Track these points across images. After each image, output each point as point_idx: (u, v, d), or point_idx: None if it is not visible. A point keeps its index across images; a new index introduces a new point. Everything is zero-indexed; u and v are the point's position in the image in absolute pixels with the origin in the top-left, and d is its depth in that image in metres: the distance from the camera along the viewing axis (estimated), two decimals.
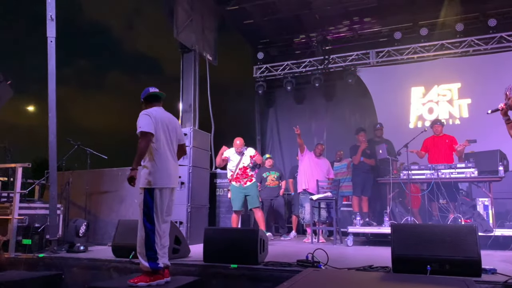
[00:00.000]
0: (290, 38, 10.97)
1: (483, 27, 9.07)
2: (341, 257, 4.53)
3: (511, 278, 2.93)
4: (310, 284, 2.16)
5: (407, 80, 9.78)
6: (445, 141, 6.90)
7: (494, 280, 2.94)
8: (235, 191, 6.32)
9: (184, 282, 2.99)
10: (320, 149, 7.35)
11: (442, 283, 2.35)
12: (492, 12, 9.05)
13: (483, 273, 3.15)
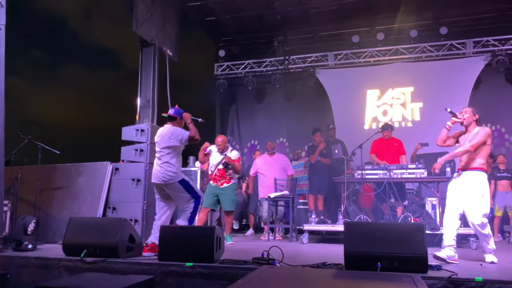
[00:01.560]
0: (252, 37, 11.00)
1: (436, 34, 9.48)
2: (296, 254, 4.62)
3: (455, 274, 3.08)
4: (264, 281, 2.19)
5: (363, 83, 10.07)
6: (394, 145, 7.20)
7: (439, 276, 3.08)
8: (210, 189, 6.18)
9: (137, 281, 2.94)
10: (270, 146, 7.46)
11: (391, 280, 2.45)
12: (444, 21, 9.47)
13: (430, 269, 3.30)
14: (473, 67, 9.31)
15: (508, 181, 7.65)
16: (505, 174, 7.66)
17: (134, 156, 6.27)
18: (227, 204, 6.08)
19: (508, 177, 7.64)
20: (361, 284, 2.33)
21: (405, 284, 2.27)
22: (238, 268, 3.37)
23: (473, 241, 5.62)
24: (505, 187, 7.64)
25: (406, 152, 7.20)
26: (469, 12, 9.38)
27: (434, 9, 9.18)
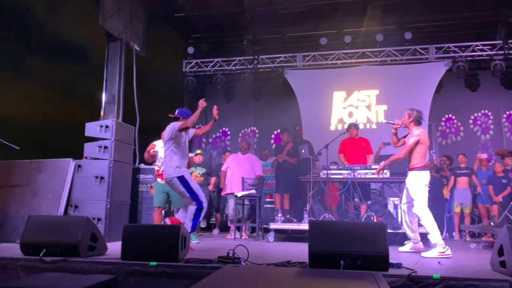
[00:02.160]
0: (222, 35, 10.96)
1: (400, 39, 9.76)
2: (261, 253, 4.65)
3: (414, 271, 3.19)
4: (228, 280, 2.19)
5: (330, 85, 10.23)
6: (362, 144, 7.36)
7: (399, 273, 3.17)
8: (158, 188, 6.00)
9: (99, 281, 2.88)
10: (244, 146, 7.51)
11: (353, 278, 2.51)
12: (409, 26, 9.75)
13: (390, 267, 3.39)
14: (435, 72, 9.64)
15: (467, 178, 7.97)
16: (464, 171, 7.98)
17: (98, 153, 6.12)
18: (178, 201, 5.87)
19: (466, 173, 7.96)
20: (324, 282, 2.37)
21: (366, 281, 2.32)
22: (203, 267, 3.36)
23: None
24: (463, 184, 7.95)
25: (373, 151, 7.38)
26: (432, 18, 9.71)
27: (399, 14, 9.44)
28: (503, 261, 3.29)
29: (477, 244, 6.33)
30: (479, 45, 9.52)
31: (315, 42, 10.24)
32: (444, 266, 3.86)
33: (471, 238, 7.53)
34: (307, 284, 2.22)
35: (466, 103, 10.06)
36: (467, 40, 9.64)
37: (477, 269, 3.64)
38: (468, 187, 7.96)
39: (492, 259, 3.55)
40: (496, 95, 9.89)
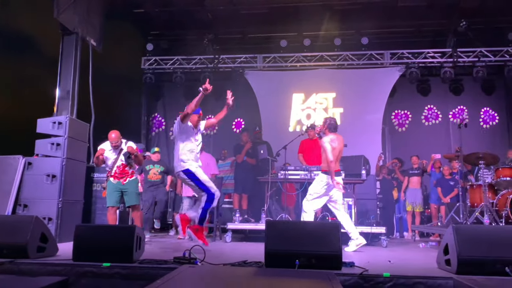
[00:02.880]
0: (182, 33, 10.81)
1: (357, 44, 10.04)
2: (218, 253, 4.65)
3: (366, 270, 3.29)
4: (183, 280, 2.18)
5: (290, 86, 10.37)
6: (319, 145, 7.50)
7: (352, 272, 3.27)
8: (111, 187, 5.74)
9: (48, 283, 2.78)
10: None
11: (307, 277, 2.56)
12: (365, 32, 10.04)
13: (343, 266, 3.49)
14: (389, 77, 10.00)
15: (418, 178, 8.32)
16: (416, 171, 8.33)
17: (50, 150, 5.90)
18: (132, 199, 5.71)
19: (418, 173, 8.32)
20: (278, 281, 2.41)
21: (320, 280, 2.38)
22: (158, 268, 3.32)
23: (383, 239, 6.05)
24: (415, 184, 8.30)
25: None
26: (388, 25, 10.04)
27: (356, 20, 9.69)
28: (448, 260, 3.47)
29: (425, 243, 6.63)
30: (431, 53, 9.96)
31: (275, 44, 10.34)
32: (394, 264, 4.01)
33: (420, 237, 7.88)
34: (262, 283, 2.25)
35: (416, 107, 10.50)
36: (420, 47, 10.07)
37: (425, 267, 3.81)
38: (419, 187, 8.32)
39: (438, 257, 3.73)
40: (445, 100, 10.38)
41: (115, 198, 5.70)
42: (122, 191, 5.70)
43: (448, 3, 9.08)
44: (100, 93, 8.05)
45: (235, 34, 10.54)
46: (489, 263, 3.24)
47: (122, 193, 5.71)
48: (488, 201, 6.02)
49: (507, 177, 6.17)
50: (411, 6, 9.18)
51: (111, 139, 5.64)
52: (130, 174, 5.80)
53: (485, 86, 10.18)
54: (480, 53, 9.67)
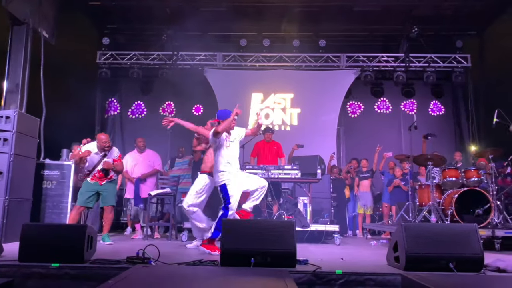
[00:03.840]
0: (140, 27, 10.58)
1: (315, 46, 10.24)
2: (174, 253, 4.60)
3: (319, 267, 3.37)
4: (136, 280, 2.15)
5: (249, 86, 10.42)
6: (273, 148, 7.61)
7: (305, 270, 3.33)
8: (87, 187, 5.64)
9: None
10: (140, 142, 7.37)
11: (261, 275, 2.58)
12: (323, 34, 10.26)
13: (297, 263, 3.55)
14: (345, 79, 10.28)
15: (368, 181, 8.59)
16: (366, 175, 8.60)
17: None
18: (110, 199, 5.70)
19: (368, 176, 8.59)
20: (233, 280, 2.42)
21: (274, 278, 2.41)
22: (110, 268, 3.24)
23: (337, 237, 6.21)
24: (365, 187, 8.57)
25: (284, 155, 7.63)
26: (345, 28, 10.29)
27: (314, 22, 9.88)
28: (397, 256, 3.61)
29: (376, 241, 6.86)
30: (385, 57, 10.33)
31: (235, 42, 10.35)
32: (346, 262, 4.13)
33: (372, 235, 8.15)
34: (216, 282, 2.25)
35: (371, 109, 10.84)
36: (374, 51, 10.42)
37: (375, 264, 3.95)
38: (370, 189, 8.60)
39: (388, 254, 3.88)
40: (398, 103, 10.78)
41: (87, 199, 5.59)
42: (98, 192, 5.65)
43: (402, 10, 9.45)
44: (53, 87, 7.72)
45: (194, 31, 10.43)
46: (434, 260, 3.40)
47: (98, 194, 5.65)
48: (435, 200, 6.31)
49: (452, 178, 6.50)
50: (367, 11, 9.49)
51: (101, 141, 5.65)
52: (110, 177, 5.78)
53: (435, 90, 10.68)
54: (430, 59, 10.14)
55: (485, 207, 5.99)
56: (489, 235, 5.39)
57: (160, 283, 2.20)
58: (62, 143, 7.21)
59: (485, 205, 6.00)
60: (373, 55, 10.33)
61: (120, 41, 10.80)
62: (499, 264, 3.52)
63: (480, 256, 3.41)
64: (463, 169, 6.65)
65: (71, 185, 6.56)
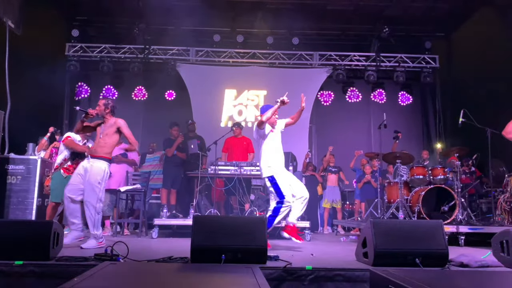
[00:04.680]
0: (111, 20, 10.35)
1: (289, 43, 10.29)
2: (143, 250, 4.53)
3: (289, 263, 3.39)
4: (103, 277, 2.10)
5: (222, 82, 10.37)
6: (243, 143, 7.61)
7: (276, 265, 3.35)
8: (62, 180, 5.42)
9: None
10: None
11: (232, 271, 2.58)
12: (296, 32, 10.31)
13: (268, 260, 3.56)
14: (317, 77, 10.38)
15: (336, 176, 8.72)
16: (333, 169, 8.73)
17: None
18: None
19: (335, 171, 8.72)
20: (202, 276, 2.40)
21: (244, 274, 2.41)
22: (77, 265, 3.16)
23: (307, 233, 6.27)
24: (333, 182, 8.70)
25: (254, 150, 7.62)
26: (318, 27, 10.38)
27: (288, 19, 9.91)
28: (365, 252, 3.68)
29: (346, 237, 6.98)
30: (356, 56, 10.48)
31: (208, 38, 10.27)
32: (317, 257, 4.18)
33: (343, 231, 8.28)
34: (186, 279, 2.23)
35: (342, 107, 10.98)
36: (346, 50, 10.56)
37: (345, 259, 4.01)
38: (337, 184, 8.74)
39: (357, 250, 3.94)
40: (368, 102, 10.97)
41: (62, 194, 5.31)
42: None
43: (373, 10, 9.61)
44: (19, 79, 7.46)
45: (167, 25, 10.29)
46: (401, 255, 3.48)
47: None
48: (403, 197, 6.48)
49: (420, 175, 6.68)
50: (339, 10, 9.60)
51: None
52: None
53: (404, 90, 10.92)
54: (400, 58, 10.36)
55: (450, 204, 6.19)
56: (454, 231, 5.56)
57: (128, 280, 2.16)
58: (27, 137, 6.99)
59: (450, 202, 6.20)
60: (345, 54, 10.47)
61: (91, 34, 10.54)
62: (463, 259, 3.63)
63: (445, 251, 3.51)
64: (430, 167, 6.84)
65: (37, 180, 6.36)
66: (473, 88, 8.71)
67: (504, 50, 7.78)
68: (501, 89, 7.60)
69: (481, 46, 8.59)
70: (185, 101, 10.05)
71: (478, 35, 8.85)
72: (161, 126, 9.29)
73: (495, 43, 8.10)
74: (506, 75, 7.55)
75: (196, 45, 10.35)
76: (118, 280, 2.11)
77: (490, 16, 8.57)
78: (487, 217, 7.37)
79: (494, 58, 8.03)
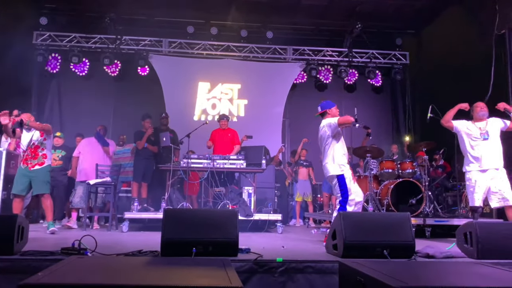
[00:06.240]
0: (81, 8, 10.04)
1: (263, 37, 10.28)
2: (113, 243, 4.46)
3: (260, 256, 3.41)
4: (69, 272, 2.05)
5: (196, 74, 10.27)
6: (228, 135, 7.57)
7: (247, 258, 3.36)
8: (19, 172, 5.42)
9: None
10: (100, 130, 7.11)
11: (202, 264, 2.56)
12: (271, 26, 10.31)
13: (240, 252, 3.57)
14: (291, 72, 10.44)
15: (307, 170, 8.82)
16: (304, 163, 8.82)
17: None
18: (39, 187, 5.42)
19: (306, 165, 8.81)
20: (172, 269, 2.38)
21: (214, 267, 2.40)
22: (42, 260, 3.08)
23: (279, 226, 6.32)
24: (304, 175, 8.79)
25: (240, 142, 7.57)
26: (292, 21, 10.41)
27: (262, 13, 9.91)
28: (335, 244, 3.73)
29: (317, 229, 7.07)
30: (329, 51, 10.58)
31: (182, 29, 10.13)
32: (287, 250, 4.22)
33: (314, 224, 8.39)
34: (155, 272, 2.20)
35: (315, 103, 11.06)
36: (319, 45, 10.64)
37: (315, 251, 4.07)
38: (308, 178, 8.84)
39: (327, 242, 4.00)
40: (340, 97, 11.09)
41: (21, 186, 5.35)
42: (30, 178, 5.39)
43: (347, 6, 9.70)
44: None
45: (139, 16, 10.09)
46: (370, 247, 3.56)
47: (31, 180, 5.39)
48: (372, 190, 6.60)
49: (389, 169, 6.84)
50: (313, 5, 9.64)
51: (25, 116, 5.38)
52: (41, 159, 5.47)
53: (375, 85, 11.10)
54: (372, 54, 10.53)
55: (417, 197, 6.37)
56: (421, 223, 5.73)
57: (94, 274, 2.12)
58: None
59: (418, 196, 6.37)
60: (318, 49, 10.55)
61: (60, 22, 10.20)
62: (428, 250, 3.74)
63: (411, 243, 3.61)
64: (399, 161, 7.00)
65: (2, 173, 6.16)
66: (441, 84, 8.95)
67: (471, 47, 8.01)
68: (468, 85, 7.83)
69: (449, 44, 8.83)
70: (158, 92, 9.90)
71: (446, 32, 9.08)
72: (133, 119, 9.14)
73: (462, 40, 8.33)
74: (472, 72, 7.79)
75: (169, 36, 10.21)
76: (84, 274, 2.06)
77: (458, 14, 8.80)
78: (452, 210, 7.62)
79: (461, 55, 8.26)
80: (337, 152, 4.81)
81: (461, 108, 5.23)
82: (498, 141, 5.10)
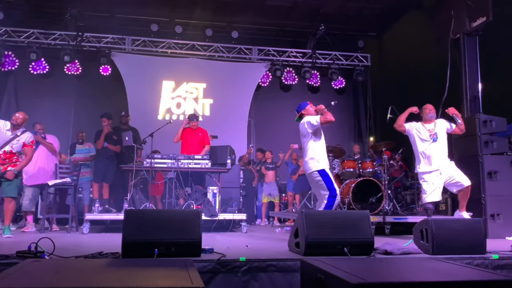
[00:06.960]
0: (40, 3, 9.69)
1: (228, 37, 10.27)
2: (72, 246, 4.35)
3: (224, 255, 3.42)
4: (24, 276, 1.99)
5: (160, 73, 10.14)
6: (198, 135, 7.49)
7: (210, 258, 3.36)
8: None
9: None
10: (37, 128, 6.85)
11: (164, 265, 2.54)
12: (236, 26, 10.32)
13: (203, 252, 3.57)
14: (256, 72, 10.49)
15: (273, 172, 8.89)
16: (270, 166, 8.89)
17: None
18: (10, 190, 5.32)
19: (273, 167, 8.89)
20: (133, 271, 2.35)
21: (176, 268, 2.39)
22: None
23: (244, 225, 6.35)
24: (270, 178, 8.86)
25: (210, 142, 7.49)
26: (257, 22, 10.45)
27: (227, 13, 9.90)
28: (297, 242, 3.80)
29: (281, 228, 7.15)
30: (294, 52, 10.71)
31: (146, 27, 9.97)
32: (251, 249, 4.25)
33: (279, 223, 8.47)
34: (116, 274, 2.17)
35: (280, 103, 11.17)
36: (284, 46, 10.75)
37: (278, 250, 4.12)
38: (274, 180, 8.92)
39: (290, 241, 4.06)
40: (304, 98, 11.22)
41: None
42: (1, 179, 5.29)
43: (310, 7, 9.85)
44: None
45: (101, 12, 9.85)
46: (331, 245, 3.64)
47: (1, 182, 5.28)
48: None
49: (350, 168, 7.00)
50: (278, 6, 9.73)
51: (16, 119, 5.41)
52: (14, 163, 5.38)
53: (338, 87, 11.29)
54: (335, 56, 10.75)
55: (377, 196, 6.55)
56: (381, 221, 5.90)
57: (52, 277, 2.06)
58: None
59: (378, 194, 6.56)
60: (283, 49, 10.66)
61: (18, 18, 9.80)
62: (387, 247, 3.87)
63: (371, 240, 3.72)
64: (360, 160, 7.18)
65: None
66: (400, 86, 9.25)
67: (428, 51, 8.33)
68: (426, 88, 8.14)
69: (408, 47, 9.14)
70: (120, 91, 9.69)
71: (405, 36, 9.40)
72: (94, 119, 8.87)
73: (420, 44, 8.65)
74: (430, 75, 8.09)
75: (132, 34, 10.03)
76: (41, 278, 2.00)
77: (417, 19, 9.13)
78: (411, 208, 7.89)
79: (419, 59, 8.58)
80: (318, 149, 4.94)
81: (412, 112, 5.55)
82: (446, 142, 5.48)
